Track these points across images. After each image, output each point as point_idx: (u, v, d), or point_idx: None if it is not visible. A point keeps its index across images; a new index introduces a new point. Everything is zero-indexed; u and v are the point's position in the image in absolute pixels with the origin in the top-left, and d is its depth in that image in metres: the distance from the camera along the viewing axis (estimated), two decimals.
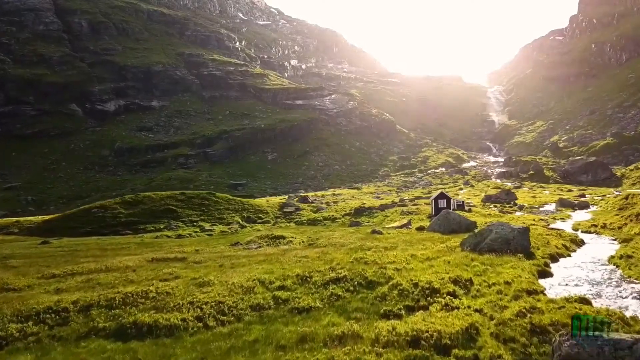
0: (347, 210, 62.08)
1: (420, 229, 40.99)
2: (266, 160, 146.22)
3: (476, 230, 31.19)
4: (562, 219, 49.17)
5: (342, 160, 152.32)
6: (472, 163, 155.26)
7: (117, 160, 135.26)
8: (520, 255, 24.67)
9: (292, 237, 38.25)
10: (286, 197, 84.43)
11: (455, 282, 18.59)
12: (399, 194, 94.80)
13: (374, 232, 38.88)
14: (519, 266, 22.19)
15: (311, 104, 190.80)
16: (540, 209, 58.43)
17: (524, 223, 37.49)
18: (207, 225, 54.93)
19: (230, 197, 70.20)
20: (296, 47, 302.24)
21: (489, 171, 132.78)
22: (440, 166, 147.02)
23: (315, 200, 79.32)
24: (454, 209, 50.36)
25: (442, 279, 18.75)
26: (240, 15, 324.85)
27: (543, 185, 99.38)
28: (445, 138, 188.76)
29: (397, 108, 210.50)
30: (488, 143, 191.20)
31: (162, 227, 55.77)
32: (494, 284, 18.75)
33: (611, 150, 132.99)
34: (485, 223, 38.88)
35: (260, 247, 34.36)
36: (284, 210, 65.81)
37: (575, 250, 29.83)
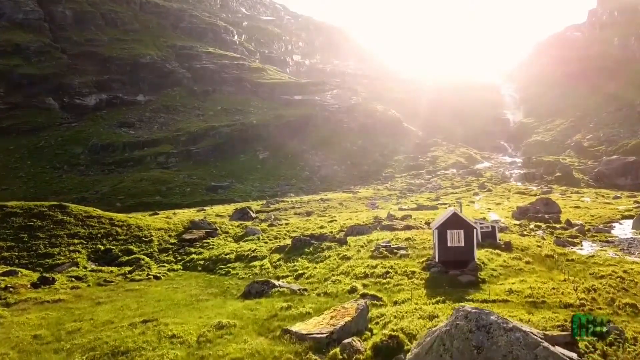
0: (286, 240, 40.85)
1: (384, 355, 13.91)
2: (257, 160, 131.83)
3: None
4: None
5: (341, 160, 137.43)
6: (486, 164, 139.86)
7: (90, 158, 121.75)
8: None
9: None
10: (264, 201, 70.35)
11: None
12: (400, 199, 79.73)
13: None
14: None
15: (311, 99, 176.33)
16: (612, 231, 39.42)
17: None
18: None
19: (96, 213, 46.71)
20: (300, 43, 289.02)
21: (507, 173, 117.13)
22: (451, 167, 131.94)
23: (268, 214, 61.53)
24: (479, 244, 30.00)
25: None
26: (243, 10, 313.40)
27: (578, 190, 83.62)
28: (457, 137, 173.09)
29: (406, 106, 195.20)
30: (502, 142, 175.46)
31: None
32: None
33: None
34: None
35: None
36: (184, 236, 44.22)
37: None
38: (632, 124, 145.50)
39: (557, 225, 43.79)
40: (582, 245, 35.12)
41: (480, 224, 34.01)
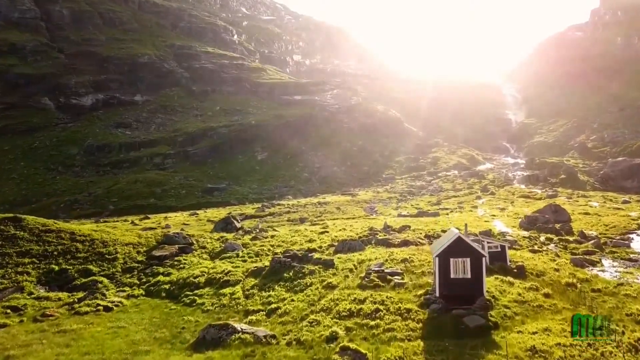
0: (268, 258, 36.73)
1: None
2: (255, 161, 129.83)
3: None
4: None
5: (341, 161, 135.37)
6: (488, 165, 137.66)
7: (85, 159, 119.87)
8: None
9: None
10: (260, 205, 68.38)
11: None
12: (400, 203, 77.64)
13: None
14: None
15: (311, 99, 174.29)
16: (632, 245, 36.23)
17: None
18: None
19: (55, 226, 41.38)
20: (301, 43, 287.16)
21: (510, 175, 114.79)
22: (453, 168, 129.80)
23: (260, 219, 58.41)
24: (487, 265, 25.52)
25: None
26: (243, 9, 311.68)
27: (584, 193, 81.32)
28: (458, 137, 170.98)
29: (406, 106, 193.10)
30: (504, 143, 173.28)
31: None
32: None
33: None
34: None
35: None
36: (154, 253, 39.91)
37: None
38: (635, 124, 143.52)
39: (570, 238, 40.82)
40: (602, 265, 32.18)
41: (488, 242, 30.43)
